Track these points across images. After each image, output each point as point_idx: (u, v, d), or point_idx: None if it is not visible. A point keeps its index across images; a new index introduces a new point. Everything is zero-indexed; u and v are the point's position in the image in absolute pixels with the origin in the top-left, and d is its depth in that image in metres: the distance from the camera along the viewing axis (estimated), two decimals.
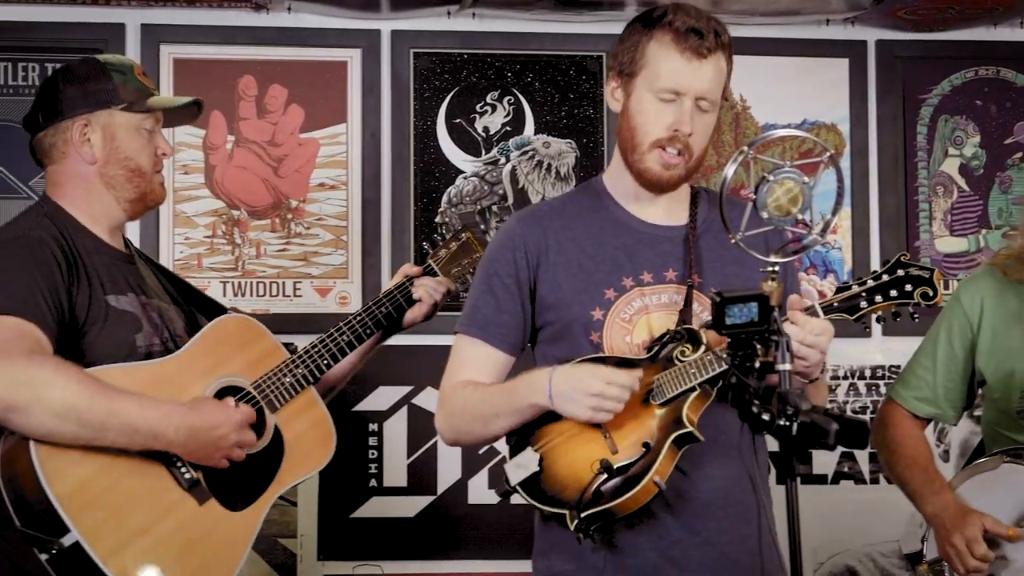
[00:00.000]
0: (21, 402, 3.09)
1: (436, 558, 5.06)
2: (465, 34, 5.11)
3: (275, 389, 3.54)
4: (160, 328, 3.48)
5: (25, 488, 3.15)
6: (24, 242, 3.32)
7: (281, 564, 4.95)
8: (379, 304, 3.76)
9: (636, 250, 3.36)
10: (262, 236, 5.03)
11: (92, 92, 3.49)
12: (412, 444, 5.04)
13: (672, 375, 3.18)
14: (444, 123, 5.11)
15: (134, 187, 3.53)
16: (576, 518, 3.16)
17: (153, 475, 3.29)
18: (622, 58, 3.39)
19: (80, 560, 3.11)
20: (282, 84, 5.06)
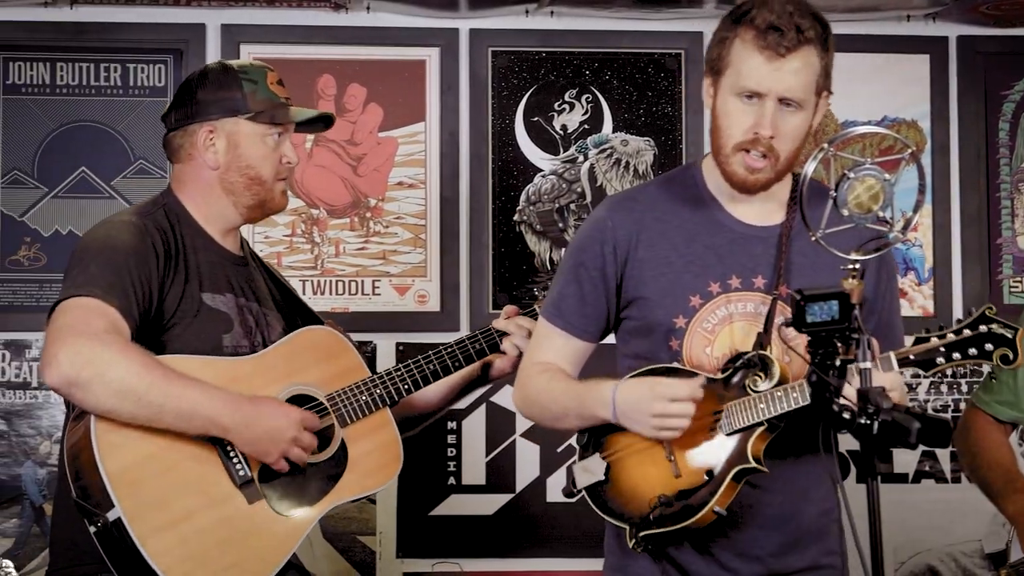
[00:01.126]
0: (83, 378, 3.15)
1: (514, 556, 5.08)
2: (543, 32, 5.11)
3: (349, 404, 3.56)
4: (253, 331, 3.53)
5: (83, 463, 3.23)
6: (129, 228, 3.40)
7: (360, 562, 4.98)
8: (473, 340, 3.75)
9: (727, 251, 3.30)
10: (341, 235, 5.04)
11: (221, 99, 3.56)
12: (491, 442, 5.05)
13: (741, 406, 3.16)
14: (522, 121, 5.10)
15: (252, 195, 3.58)
16: (634, 537, 3.15)
17: (207, 465, 3.34)
18: (711, 55, 3.33)
19: (121, 536, 3.18)
20: (361, 83, 5.08)
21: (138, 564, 3.18)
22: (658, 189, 3.47)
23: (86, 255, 3.34)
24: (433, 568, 5.05)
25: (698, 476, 3.16)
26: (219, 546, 3.28)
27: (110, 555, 3.20)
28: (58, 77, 5.05)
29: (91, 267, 3.30)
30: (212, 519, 3.29)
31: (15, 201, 5.00)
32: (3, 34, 5.01)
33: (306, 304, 3.85)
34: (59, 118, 5.03)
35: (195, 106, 3.56)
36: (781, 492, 3.28)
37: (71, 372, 3.15)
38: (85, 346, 3.16)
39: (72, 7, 4.99)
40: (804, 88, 3.24)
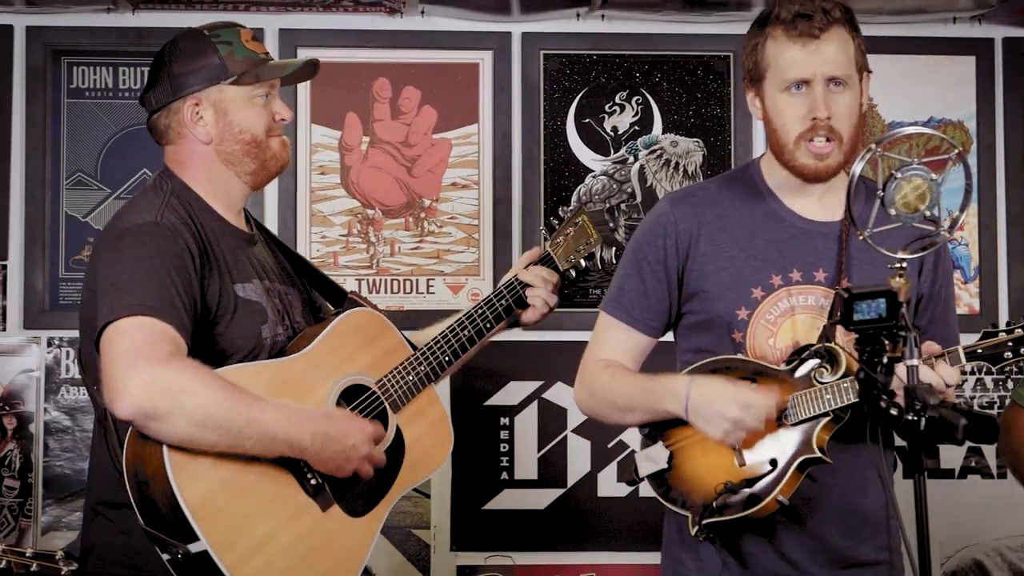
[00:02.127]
0: (162, 409, 2.99)
1: (566, 549, 5.09)
2: (594, 36, 5.12)
3: (398, 388, 3.49)
4: (282, 315, 3.42)
5: (154, 490, 3.07)
6: (159, 231, 3.21)
7: (415, 555, 5.00)
8: (499, 296, 3.69)
9: (788, 246, 3.32)
10: (396, 234, 5.06)
11: (199, 69, 3.36)
12: (543, 438, 5.07)
13: (807, 397, 3.16)
14: (574, 123, 5.11)
15: (252, 159, 3.41)
16: (697, 524, 3.15)
17: (280, 481, 3.22)
18: (748, 66, 3.38)
19: (206, 567, 3.05)
20: (415, 86, 5.10)
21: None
22: (718, 186, 3.49)
23: (123, 268, 3.14)
24: (486, 561, 5.06)
25: (762, 465, 3.17)
26: (304, 560, 3.21)
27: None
28: (120, 81, 5.08)
29: (135, 284, 3.11)
30: (293, 535, 3.20)
31: (79, 202, 5.05)
32: (67, 39, 5.06)
33: (317, 270, 3.75)
34: (121, 121, 5.07)
35: (174, 81, 3.36)
36: (840, 486, 3.29)
37: (147, 404, 2.98)
38: (159, 373, 3.00)
39: (134, 12, 5.04)
40: (845, 64, 3.29)
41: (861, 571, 3.37)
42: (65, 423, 5.00)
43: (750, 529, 3.26)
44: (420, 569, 5.06)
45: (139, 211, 3.29)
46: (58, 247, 5.05)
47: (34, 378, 5.01)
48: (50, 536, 4.96)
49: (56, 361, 5.01)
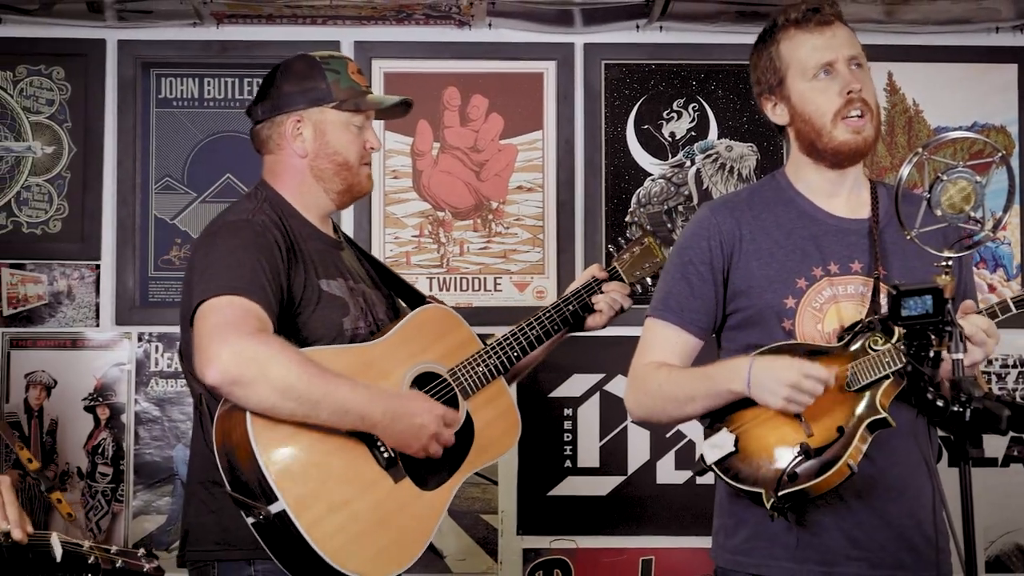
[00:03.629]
0: (247, 377, 3.12)
1: (625, 533, 5.12)
2: (653, 46, 5.14)
3: (469, 377, 3.57)
4: (365, 311, 3.52)
5: (239, 457, 3.20)
6: (251, 226, 3.38)
7: (483, 538, 5.03)
8: (567, 302, 3.78)
9: (824, 241, 3.35)
10: (465, 235, 5.09)
11: (306, 90, 3.54)
12: (604, 427, 5.09)
13: (866, 363, 3.17)
14: (633, 129, 5.13)
15: (341, 180, 3.57)
16: (772, 497, 3.12)
17: (355, 453, 3.32)
18: (764, 78, 3.47)
19: (285, 527, 3.16)
20: (483, 94, 5.13)
21: (304, 552, 3.17)
22: (750, 193, 3.57)
23: (216, 256, 3.32)
24: (551, 544, 5.08)
25: (830, 433, 3.18)
26: (375, 527, 3.30)
27: (271, 544, 3.20)
28: (205, 91, 5.13)
29: (227, 268, 3.27)
30: (366, 503, 3.29)
31: (167, 205, 5.11)
32: (156, 52, 5.13)
33: (400, 277, 3.87)
34: (206, 129, 5.13)
35: (281, 98, 3.55)
36: (897, 467, 3.28)
37: (234, 371, 3.12)
38: (246, 344, 3.14)
39: (218, 26, 5.09)
40: (858, 46, 3.38)
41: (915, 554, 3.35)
42: (154, 413, 5.05)
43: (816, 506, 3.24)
44: (488, 552, 5.08)
45: (233, 213, 3.48)
46: (148, 248, 5.10)
47: (125, 371, 5.06)
48: (140, 519, 5.02)
49: (146, 355, 5.06)
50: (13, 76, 5.12)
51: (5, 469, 4.97)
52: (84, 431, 5.07)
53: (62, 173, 5.12)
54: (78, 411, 5.07)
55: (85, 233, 5.11)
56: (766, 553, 3.34)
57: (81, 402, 5.07)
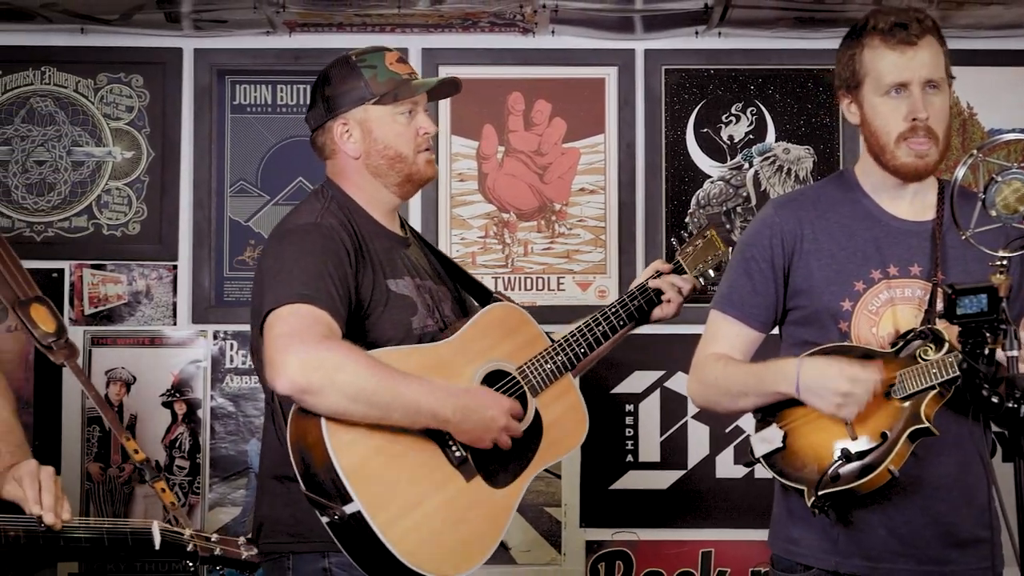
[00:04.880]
0: (316, 385, 3.10)
1: (685, 526, 5.14)
2: (712, 52, 5.15)
3: (537, 375, 3.54)
4: (432, 309, 3.50)
5: (314, 459, 3.18)
6: (319, 230, 3.35)
7: (547, 531, 5.05)
8: (632, 298, 3.74)
9: (884, 243, 3.34)
10: (529, 236, 5.10)
11: (346, 92, 3.50)
12: (665, 423, 5.10)
13: (914, 372, 3.16)
14: (692, 132, 5.13)
15: (397, 172, 3.51)
16: (814, 495, 3.13)
17: (427, 452, 3.30)
18: (844, 75, 3.42)
19: (360, 527, 3.13)
20: (547, 99, 5.14)
21: (378, 551, 3.15)
22: (817, 191, 3.53)
23: (285, 262, 3.29)
24: (612, 536, 5.10)
25: (874, 437, 3.20)
26: (449, 526, 3.28)
27: (345, 541, 3.18)
28: (278, 97, 5.17)
29: (295, 275, 3.24)
30: (439, 501, 3.27)
31: (241, 208, 5.15)
32: (230, 60, 5.18)
33: (467, 272, 3.83)
34: (279, 134, 5.17)
35: (326, 103, 3.52)
36: (946, 465, 3.27)
37: (302, 379, 3.09)
38: (313, 352, 3.12)
39: (291, 35, 5.14)
40: (938, 69, 3.35)
41: (964, 550, 3.33)
42: (229, 409, 5.10)
43: (863, 505, 3.23)
44: (552, 544, 5.10)
45: (302, 214, 3.46)
46: (223, 249, 5.15)
47: (201, 368, 5.11)
48: (216, 511, 5.08)
49: (221, 352, 5.10)
50: (94, 84, 5.18)
51: (87, 462, 5.03)
52: (162, 426, 5.12)
53: (141, 177, 5.17)
54: (156, 407, 5.12)
55: (163, 235, 5.17)
56: (814, 545, 3.36)
57: (159, 398, 5.13)
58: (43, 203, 5.17)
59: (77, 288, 5.15)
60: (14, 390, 5.00)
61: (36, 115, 5.19)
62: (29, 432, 5.01)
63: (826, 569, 3.33)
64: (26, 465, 3.00)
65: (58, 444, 5.10)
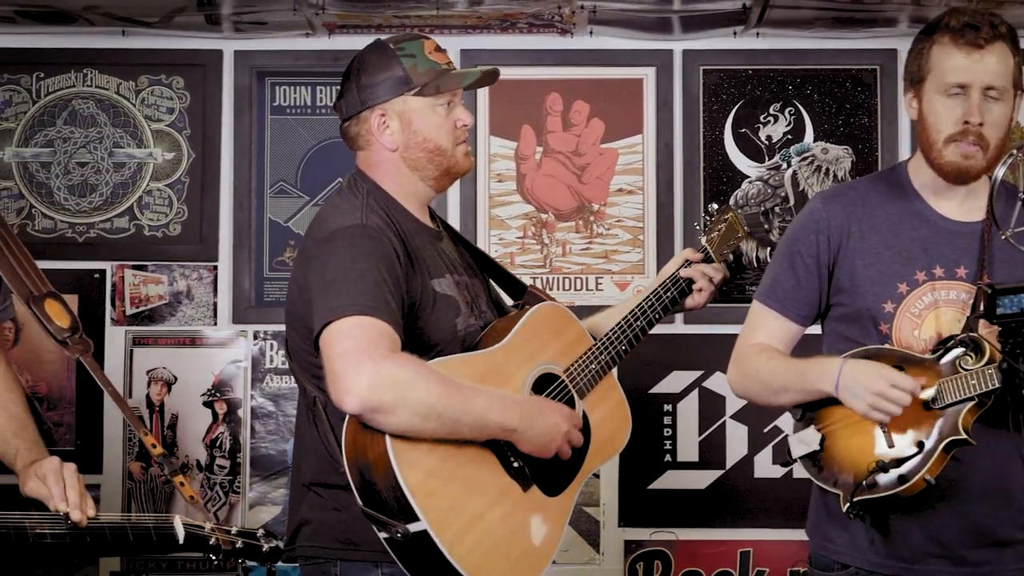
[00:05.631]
0: (387, 403, 3.00)
1: (724, 526, 5.15)
2: (750, 52, 5.14)
3: (584, 377, 3.48)
4: (471, 306, 3.42)
5: (375, 474, 3.07)
6: (368, 232, 3.21)
7: (586, 530, 5.06)
8: (665, 289, 3.68)
9: (932, 244, 3.31)
10: (567, 236, 5.10)
11: (385, 81, 3.35)
12: (703, 423, 5.11)
13: (954, 382, 3.13)
14: (731, 132, 5.12)
15: (436, 166, 3.39)
16: (848, 501, 3.11)
17: (486, 463, 3.23)
18: (911, 68, 3.38)
19: (424, 545, 3.05)
20: (585, 100, 5.14)
21: (442, 568, 3.06)
22: (867, 186, 3.49)
23: (337, 269, 3.15)
24: (651, 536, 5.10)
25: (910, 446, 3.18)
26: (510, 538, 3.22)
27: (404, 558, 3.10)
28: (318, 99, 5.19)
29: (351, 284, 3.11)
30: (499, 514, 3.20)
31: (281, 208, 5.17)
32: (270, 61, 5.20)
33: (496, 262, 3.75)
34: (318, 135, 5.18)
35: (362, 92, 3.36)
36: (984, 467, 3.26)
37: (372, 399, 2.99)
38: (382, 370, 3.02)
39: (330, 36, 5.15)
40: (1003, 77, 3.28)
41: (1001, 551, 3.31)
42: (269, 408, 5.11)
43: (898, 508, 3.21)
44: (590, 543, 5.10)
45: (343, 213, 3.31)
46: (263, 249, 5.17)
47: (242, 368, 5.13)
48: (256, 510, 5.09)
49: (261, 352, 5.12)
50: (135, 86, 5.20)
51: (129, 462, 5.05)
52: (203, 425, 5.14)
53: (181, 178, 5.19)
54: (197, 406, 5.14)
55: (203, 235, 5.19)
56: (852, 544, 3.36)
57: (200, 397, 5.15)
58: (85, 204, 5.20)
59: (118, 289, 5.18)
60: (56, 390, 5.06)
61: (78, 117, 5.22)
62: (71, 432, 5.07)
63: (863, 568, 3.32)
64: (49, 462, 3.02)
65: (100, 443, 5.14)
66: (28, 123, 5.20)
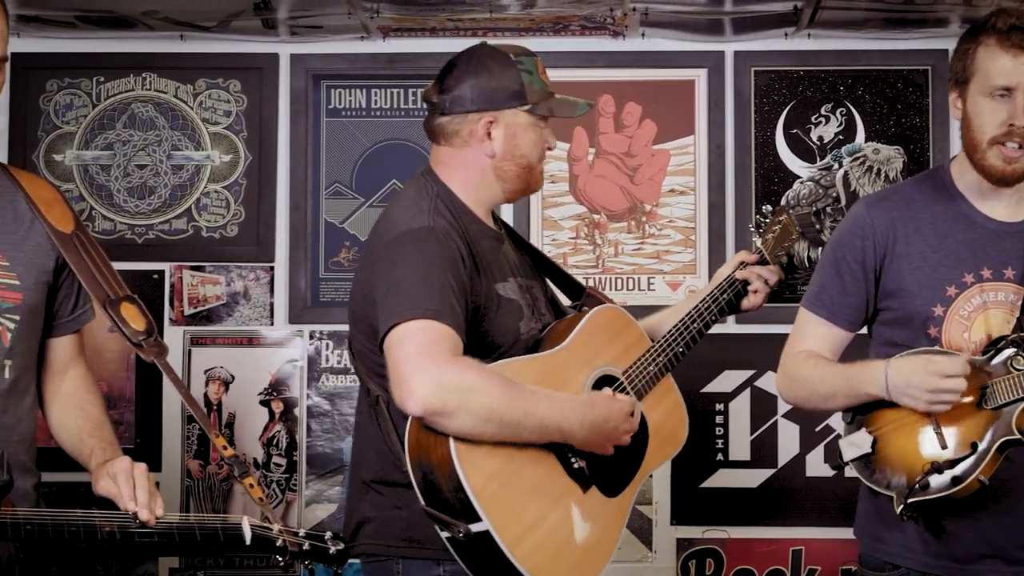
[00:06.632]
0: (450, 407, 3.04)
1: (776, 524, 5.17)
2: (801, 53, 5.14)
3: (642, 378, 3.52)
4: (532, 309, 3.47)
5: (439, 476, 3.11)
6: (434, 235, 3.24)
7: (639, 528, 5.07)
8: (722, 291, 3.76)
9: (978, 246, 3.30)
10: (620, 237, 5.11)
11: (502, 89, 3.37)
12: (755, 422, 5.11)
13: (1006, 382, 3.13)
14: (782, 133, 5.12)
15: (521, 180, 3.46)
16: (902, 503, 3.09)
17: (547, 464, 3.27)
18: (956, 69, 3.37)
19: (486, 545, 3.08)
20: (637, 101, 5.15)
21: (504, 568, 3.10)
22: (911, 189, 3.47)
23: (403, 272, 3.18)
24: (703, 534, 5.10)
25: (963, 447, 3.16)
26: (570, 539, 3.26)
27: (466, 557, 3.13)
28: (373, 101, 5.22)
29: (415, 287, 3.14)
30: (559, 516, 3.24)
31: (336, 210, 5.19)
32: (326, 65, 5.24)
33: (555, 264, 3.80)
34: (373, 137, 5.22)
35: (474, 92, 3.36)
36: None
37: (436, 402, 3.03)
38: (445, 374, 3.05)
39: (384, 40, 5.17)
40: None
41: None
42: (325, 407, 5.14)
43: (952, 510, 3.20)
44: (643, 541, 5.11)
45: (411, 215, 3.33)
46: (318, 250, 5.19)
47: (298, 367, 5.16)
48: (312, 508, 5.13)
49: (317, 352, 5.15)
50: (193, 89, 5.24)
51: (187, 460, 5.09)
52: (260, 424, 5.18)
53: (238, 180, 5.23)
54: (254, 405, 5.18)
55: (260, 237, 5.22)
56: (903, 545, 3.35)
57: (257, 396, 5.18)
58: (144, 206, 5.25)
59: (177, 289, 5.22)
60: (116, 389, 5.12)
61: (137, 120, 5.27)
62: (130, 430, 5.11)
63: (915, 569, 3.31)
64: (120, 462, 3.07)
65: (159, 442, 5.20)
66: (88, 126, 5.27)
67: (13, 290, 3.15)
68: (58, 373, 3.32)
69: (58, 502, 3.25)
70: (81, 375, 3.36)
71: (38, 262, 3.21)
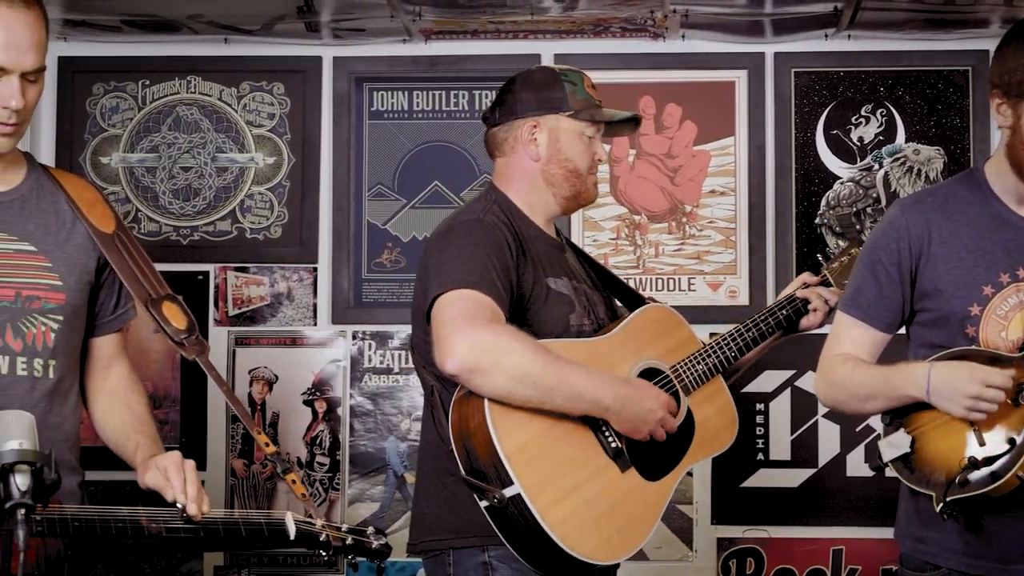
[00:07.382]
0: (484, 365, 3.19)
1: (816, 524, 5.17)
2: (841, 54, 5.14)
3: (690, 375, 3.63)
4: (588, 310, 3.58)
5: (476, 444, 3.26)
6: (482, 224, 3.44)
7: (679, 527, 5.07)
8: (780, 307, 3.86)
9: (1014, 246, 3.29)
10: (660, 237, 5.12)
11: (545, 97, 3.59)
12: (795, 422, 5.11)
13: None
14: (822, 134, 5.11)
15: (570, 186, 3.61)
16: (942, 501, 3.08)
17: (584, 441, 3.37)
18: (1008, 79, 3.25)
19: (519, 511, 3.21)
20: (677, 103, 5.16)
21: (536, 535, 3.22)
22: (946, 191, 3.46)
23: (450, 253, 3.37)
24: (743, 534, 5.10)
25: (1001, 444, 3.15)
26: (605, 513, 3.35)
27: (503, 527, 3.26)
28: (415, 103, 5.24)
29: (459, 263, 3.33)
30: (595, 489, 3.34)
31: (379, 211, 5.22)
32: (368, 67, 5.27)
33: (619, 278, 3.93)
34: (415, 139, 5.25)
35: (519, 103, 3.60)
36: None
37: (471, 360, 3.18)
38: (482, 335, 3.21)
39: (426, 42, 5.19)
40: None
41: None
42: (368, 407, 5.16)
43: (992, 508, 3.18)
44: (683, 540, 5.12)
45: (465, 213, 3.56)
46: (361, 251, 5.22)
47: (341, 367, 5.18)
48: (355, 507, 5.16)
49: (360, 352, 5.17)
50: (237, 92, 5.27)
51: (231, 459, 5.12)
52: (303, 423, 5.20)
53: (282, 182, 5.25)
54: (298, 405, 5.20)
55: (303, 238, 5.25)
56: (945, 545, 3.33)
57: (300, 396, 5.21)
58: (189, 208, 5.28)
59: (221, 290, 5.26)
60: (162, 388, 5.15)
61: (182, 123, 5.31)
62: (176, 429, 5.15)
63: (957, 570, 3.29)
64: (171, 456, 3.12)
65: (203, 441, 5.23)
66: (134, 129, 5.32)
67: (56, 291, 3.19)
68: (102, 371, 3.36)
69: (103, 500, 3.29)
70: (125, 373, 3.40)
71: (80, 262, 3.25)
